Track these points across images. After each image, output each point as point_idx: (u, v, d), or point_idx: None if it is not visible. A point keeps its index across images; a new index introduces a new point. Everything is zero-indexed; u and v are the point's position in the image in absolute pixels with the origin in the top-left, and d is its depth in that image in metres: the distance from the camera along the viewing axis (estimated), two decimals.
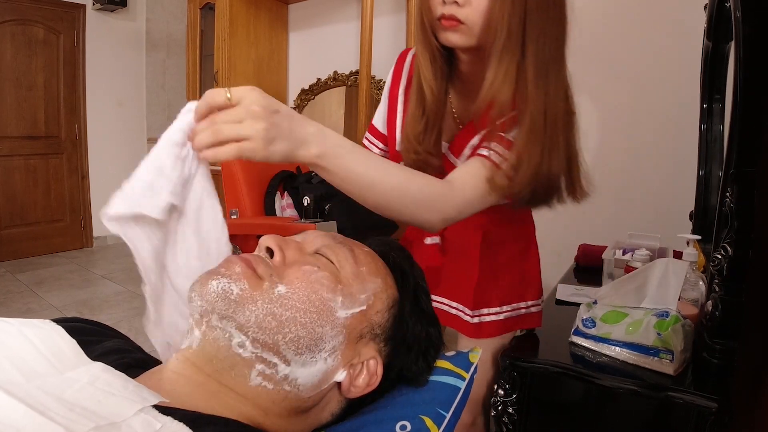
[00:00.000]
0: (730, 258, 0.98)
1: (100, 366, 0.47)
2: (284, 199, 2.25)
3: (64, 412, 0.38)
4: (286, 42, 3.87)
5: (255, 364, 0.50)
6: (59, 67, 4.44)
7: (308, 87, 3.69)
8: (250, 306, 0.50)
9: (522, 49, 0.78)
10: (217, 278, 0.51)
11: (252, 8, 3.56)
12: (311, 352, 0.52)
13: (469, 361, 0.68)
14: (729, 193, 1.00)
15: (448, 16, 0.80)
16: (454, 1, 0.79)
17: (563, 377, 1.06)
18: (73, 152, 4.63)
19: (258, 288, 0.51)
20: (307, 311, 0.52)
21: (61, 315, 2.95)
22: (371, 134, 1.11)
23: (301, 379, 0.52)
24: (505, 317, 1.10)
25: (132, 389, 0.43)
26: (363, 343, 0.58)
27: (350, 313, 0.56)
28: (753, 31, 0.93)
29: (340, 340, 0.55)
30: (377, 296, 0.59)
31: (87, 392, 0.41)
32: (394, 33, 3.16)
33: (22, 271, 3.93)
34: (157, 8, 5.01)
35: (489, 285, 1.09)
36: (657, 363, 1.03)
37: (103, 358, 0.50)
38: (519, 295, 1.12)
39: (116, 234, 0.57)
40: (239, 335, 0.50)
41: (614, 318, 1.10)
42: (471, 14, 0.79)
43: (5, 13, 4.05)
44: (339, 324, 0.54)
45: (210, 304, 0.50)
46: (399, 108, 1.03)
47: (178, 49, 5.16)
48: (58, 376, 0.44)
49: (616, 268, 1.51)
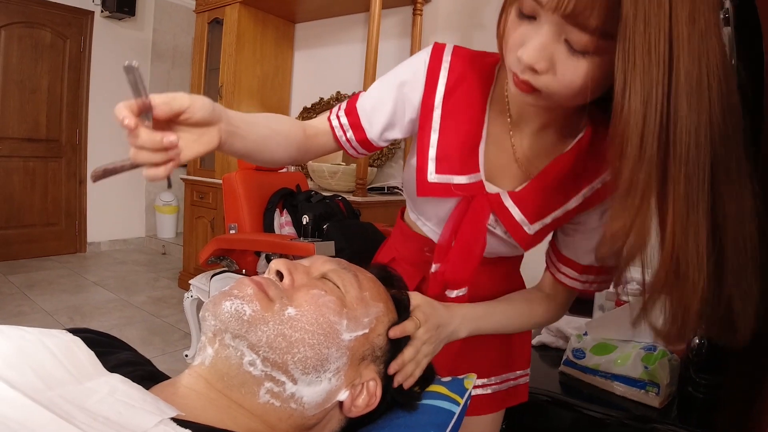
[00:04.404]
0: None
1: (118, 377, 0.49)
2: (283, 216, 2.27)
3: (89, 421, 0.40)
4: (291, 60, 3.93)
5: (264, 382, 0.53)
6: (64, 72, 4.48)
7: (311, 105, 3.74)
8: (262, 327, 0.53)
9: (663, 172, 0.52)
10: (231, 299, 0.54)
11: (259, 25, 3.62)
12: (317, 372, 0.55)
13: (464, 387, 0.71)
14: None
15: (522, 80, 0.61)
16: (531, 69, 0.59)
17: (553, 406, 1.08)
18: (72, 157, 4.65)
19: (269, 309, 0.54)
20: (315, 333, 0.55)
21: (53, 320, 2.96)
22: (352, 128, 0.85)
23: (307, 397, 0.55)
24: (493, 391, 0.96)
25: (150, 401, 0.45)
26: (365, 365, 0.61)
27: (354, 335, 0.59)
28: (749, 78, 0.98)
29: (344, 361, 0.58)
30: (379, 320, 0.63)
31: (108, 403, 0.44)
32: (399, 57, 3.22)
33: (15, 273, 3.91)
34: (165, 19, 5.08)
35: (473, 353, 0.94)
36: (643, 395, 1.06)
37: (118, 369, 0.53)
38: (506, 365, 0.98)
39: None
40: (250, 354, 0.52)
41: (604, 350, 1.13)
42: (553, 85, 0.59)
43: (14, 15, 4.09)
44: (344, 346, 0.57)
45: (223, 324, 0.53)
46: (435, 123, 0.80)
47: (183, 61, 5.22)
48: (77, 385, 0.46)
49: (607, 301, 1.54)
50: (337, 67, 3.64)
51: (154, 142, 0.54)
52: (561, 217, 0.78)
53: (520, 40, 0.59)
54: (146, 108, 0.52)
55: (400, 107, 0.82)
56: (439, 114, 0.79)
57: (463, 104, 0.78)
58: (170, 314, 3.24)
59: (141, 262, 4.64)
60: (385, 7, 2.95)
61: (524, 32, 0.59)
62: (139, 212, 5.28)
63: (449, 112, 0.79)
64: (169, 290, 3.79)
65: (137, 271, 4.34)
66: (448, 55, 0.79)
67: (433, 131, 0.79)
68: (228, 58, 3.52)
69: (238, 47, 3.49)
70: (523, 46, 0.58)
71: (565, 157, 0.75)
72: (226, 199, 2.33)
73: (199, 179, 3.67)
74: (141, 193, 5.25)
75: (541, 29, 0.57)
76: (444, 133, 0.79)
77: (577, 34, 0.54)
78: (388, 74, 0.84)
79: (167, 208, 5.18)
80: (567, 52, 0.56)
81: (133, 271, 4.30)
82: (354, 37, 3.51)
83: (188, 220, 3.78)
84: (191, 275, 3.49)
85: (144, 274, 4.25)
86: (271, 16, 3.70)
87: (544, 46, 0.57)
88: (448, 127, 0.79)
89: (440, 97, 0.79)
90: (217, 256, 2.23)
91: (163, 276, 4.20)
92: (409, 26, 3.15)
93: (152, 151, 0.54)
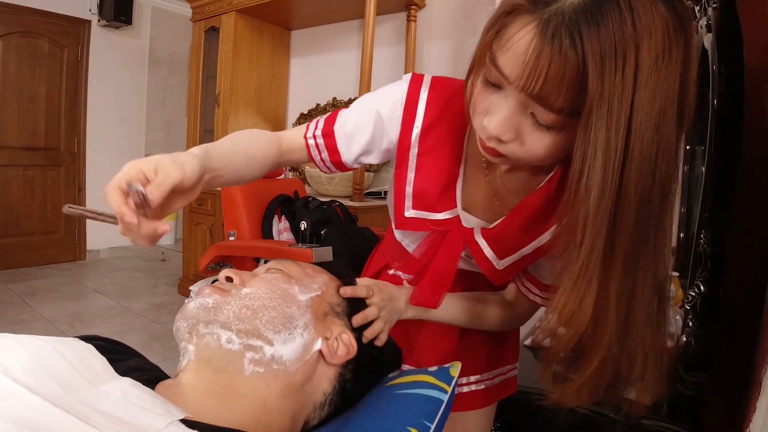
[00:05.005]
0: (703, 296, 1.05)
1: (129, 381, 0.52)
2: (281, 222, 2.31)
3: (105, 422, 0.43)
4: (287, 67, 3.97)
5: (245, 353, 0.59)
6: (62, 81, 4.51)
7: (307, 111, 3.78)
8: (226, 307, 0.62)
9: (610, 245, 0.53)
10: (193, 301, 0.62)
11: (255, 33, 3.66)
12: (287, 329, 0.62)
13: (450, 375, 0.74)
14: (703, 235, 1.07)
15: (488, 147, 0.63)
16: (497, 139, 0.60)
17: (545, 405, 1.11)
18: (71, 165, 4.68)
19: (228, 295, 0.64)
20: (273, 298, 0.64)
21: (54, 327, 2.98)
22: (327, 149, 0.85)
23: (286, 355, 0.62)
24: (486, 386, 0.98)
25: (160, 404, 0.49)
26: (330, 320, 0.69)
27: (309, 296, 0.68)
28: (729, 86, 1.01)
29: (309, 317, 0.66)
30: (327, 285, 0.73)
31: (121, 405, 0.47)
32: (394, 63, 3.26)
33: (15, 281, 3.93)
34: (162, 27, 5.11)
35: (468, 351, 0.95)
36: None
37: (128, 374, 0.56)
38: (499, 361, 1.00)
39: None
40: (225, 332, 0.59)
41: None
42: (519, 152, 0.60)
43: (12, 25, 4.12)
44: (303, 305, 0.66)
45: (194, 318, 0.61)
46: (412, 162, 0.81)
47: (180, 68, 5.25)
48: (92, 389, 0.49)
49: None
50: (332, 73, 3.68)
51: (149, 231, 0.55)
52: (531, 254, 0.79)
53: (486, 108, 0.60)
54: (145, 205, 0.53)
55: (377, 137, 0.83)
56: (416, 153, 0.80)
57: (440, 143, 0.79)
58: (170, 320, 3.24)
59: (140, 269, 4.66)
60: (379, 13, 2.99)
61: (491, 100, 0.59)
62: None
63: (426, 151, 0.80)
64: (168, 296, 3.81)
65: (137, 277, 4.36)
66: (425, 93, 0.79)
67: (409, 169, 0.81)
68: (225, 66, 3.55)
69: (234, 55, 3.52)
70: (489, 116, 0.59)
71: (537, 194, 0.75)
72: (225, 206, 2.36)
73: None
74: None
75: (507, 101, 0.57)
76: (420, 172, 0.80)
77: (542, 112, 0.54)
78: (369, 101, 0.84)
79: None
80: (533, 125, 0.57)
81: (133, 278, 4.33)
82: (349, 44, 3.55)
83: (187, 226, 3.80)
84: (190, 281, 3.52)
85: (143, 280, 4.28)
86: (267, 24, 3.74)
87: (510, 118, 0.57)
88: (425, 164, 0.80)
89: (416, 137, 0.80)
90: (216, 263, 2.26)
91: (162, 282, 4.22)
92: (403, 32, 3.19)
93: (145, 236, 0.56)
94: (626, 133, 0.49)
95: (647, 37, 0.48)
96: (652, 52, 0.48)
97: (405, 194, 0.82)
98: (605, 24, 0.48)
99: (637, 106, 0.49)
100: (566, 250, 0.56)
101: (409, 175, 0.81)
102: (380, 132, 0.82)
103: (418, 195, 0.81)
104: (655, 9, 0.48)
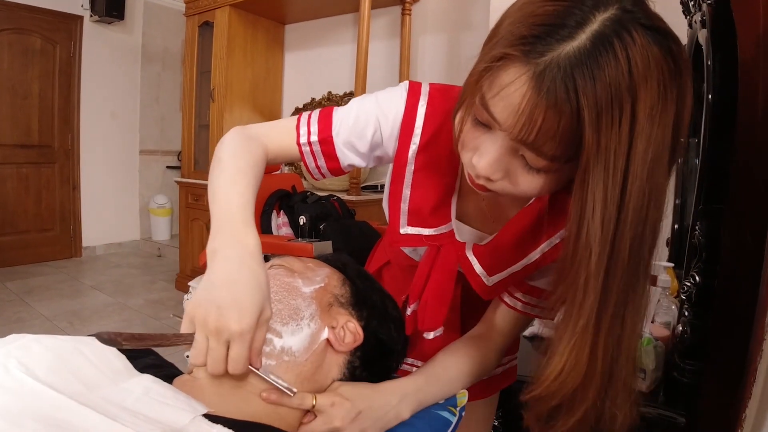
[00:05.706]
0: (698, 286, 1.08)
1: (150, 377, 0.54)
2: (280, 217, 2.31)
3: (131, 419, 0.45)
4: (281, 61, 3.96)
5: None
6: (55, 77, 4.49)
7: (302, 106, 3.78)
8: None
9: (605, 296, 0.53)
10: None
11: (249, 28, 3.64)
12: (294, 320, 0.64)
13: (456, 402, 0.77)
14: (698, 227, 1.09)
15: (477, 183, 0.63)
16: (486, 177, 0.59)
17: None
18: (65, 162, 4.66)
19: None
20: (278, 292, 0.66)
21: (52, 325, 2.99)
22: (325, 156, 0.82)
23: (295, 346, 0.63)
24: (489, 376, 0.95)
25: (182, 399, 0.50)
26: (335, 310, 0.70)
27: (313, 288, 0.70)
28: (723, 81, 1.03)
29: (314, 308, 0.67)
30: (330, 277, 0.74)
31: (144, 402, 0.49)
32: (389, 57, 3.27)
33: (11, 279, 3.93)
34: (154, 22, 5.08)
35: None
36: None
37: (147, 371, 0.57)
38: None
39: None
40: None
41: None
42: (508, 188, 0.60)
43: (3, 22, 4.09)
44: (308, 297, 0.68)
45: None
46: (408, 179, 0.79)
47: (173, 63, 5.23)
48: (114, 387, 0.51)
49: None
50: (327, 67, 3.67)
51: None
52: (520, 272, 0.78)
53: (476, 147, 0.59)
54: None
55: (374, 147, 0.81)
56: (412, 170, 0.78)
57: (437, 158, 0.78)
58: (168, 316, 3.27)
59: (137, 265, 4.67)
60: (374, 7, 2.99)
61: (481, 140, 0.58)
62: (133, 215, 5.29)
63: (423, 167, 0.78)
64: (165, 292, 3.82)
65: (133, 274, 4.37)
66: (423, 107, 0.77)
67: (405, 186, 0.79)
68: (219, 61, 3.54)
69: (229, 50, 3.51)
70: (479, 155, 0.58)
71: (527, 211, 0.75)
72: None
73: (194, 182, 3.70)
74: (134, 196, 5.27)
75: (496, 142, 0.56)
76: (416, 189, 0.79)
77: (534, 157, 0.53)
78: (366, 108, 0.80)
79: (161, 211, 5.20)
80: (523, 167, 0.56)
81: (130, 275, 4.33)
82: (344, 38, 3.55)
83: (183, 222, 3.80)
84: (188, 277, 3.52)
85: (140, 276, 4.28)
86: (261, 18, 3.72)
87: (499, 160, 0.56)
88: (422, 181, 0.79)
89: (413, 153, 0.78)
90: None
91: (159, 278, 4.23)
92: (398, 26, 3.19)
93: None
94: (622, 186, 0.49)
95: (643, 87, 0.47)
96: (648, 101, 0.47)
97: (401, 211, 0.81)
98: (601, 76, 0.46)
99: (633, 157, 0.48)
100: (563, 305, 0.56)
101: (405, 192, 0.80)
102: (377, 144, 0.80)
103: (414, 212, 0.80)
104: (651, 54, 0.47)
